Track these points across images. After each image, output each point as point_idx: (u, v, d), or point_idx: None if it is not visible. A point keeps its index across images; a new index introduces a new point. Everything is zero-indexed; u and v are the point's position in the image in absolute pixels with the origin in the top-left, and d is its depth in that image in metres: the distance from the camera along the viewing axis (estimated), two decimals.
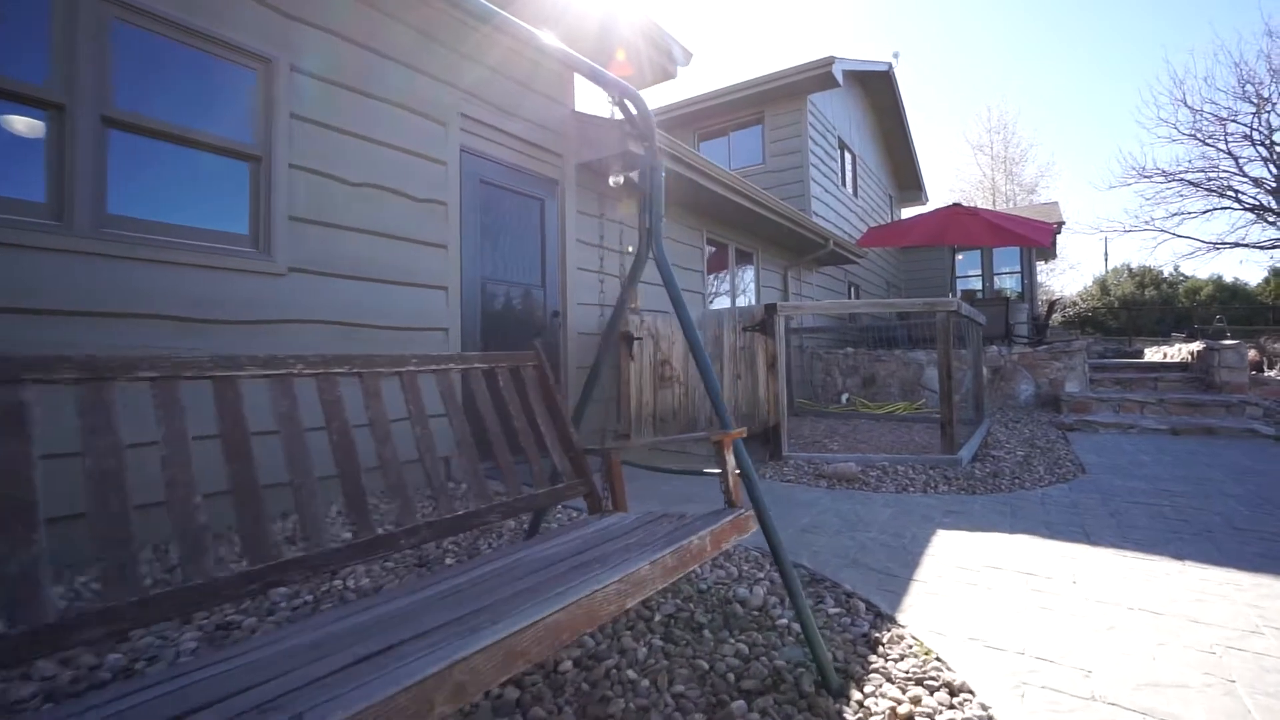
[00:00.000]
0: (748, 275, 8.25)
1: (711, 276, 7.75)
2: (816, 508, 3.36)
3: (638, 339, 5.34)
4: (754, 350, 4.68)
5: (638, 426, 5.33)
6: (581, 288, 5.21)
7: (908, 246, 14.77)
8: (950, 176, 27.86)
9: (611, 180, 5.06)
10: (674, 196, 6.28)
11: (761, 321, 4.62)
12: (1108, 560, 2.60)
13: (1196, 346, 8.36)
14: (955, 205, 9.67)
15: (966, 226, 8.93)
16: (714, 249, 7.54)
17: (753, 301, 8.24)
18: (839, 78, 10.15)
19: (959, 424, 6.57)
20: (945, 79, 61.24)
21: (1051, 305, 11.43)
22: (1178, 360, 8.65)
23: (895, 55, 13.79)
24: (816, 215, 10.35)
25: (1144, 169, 17.01)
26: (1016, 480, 4.11)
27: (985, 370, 8.33)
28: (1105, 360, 10.53)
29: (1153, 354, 10.60)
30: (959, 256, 15.93)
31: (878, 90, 14.16)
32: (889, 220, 15.26)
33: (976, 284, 15.70)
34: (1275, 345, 14.16)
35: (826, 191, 10.97)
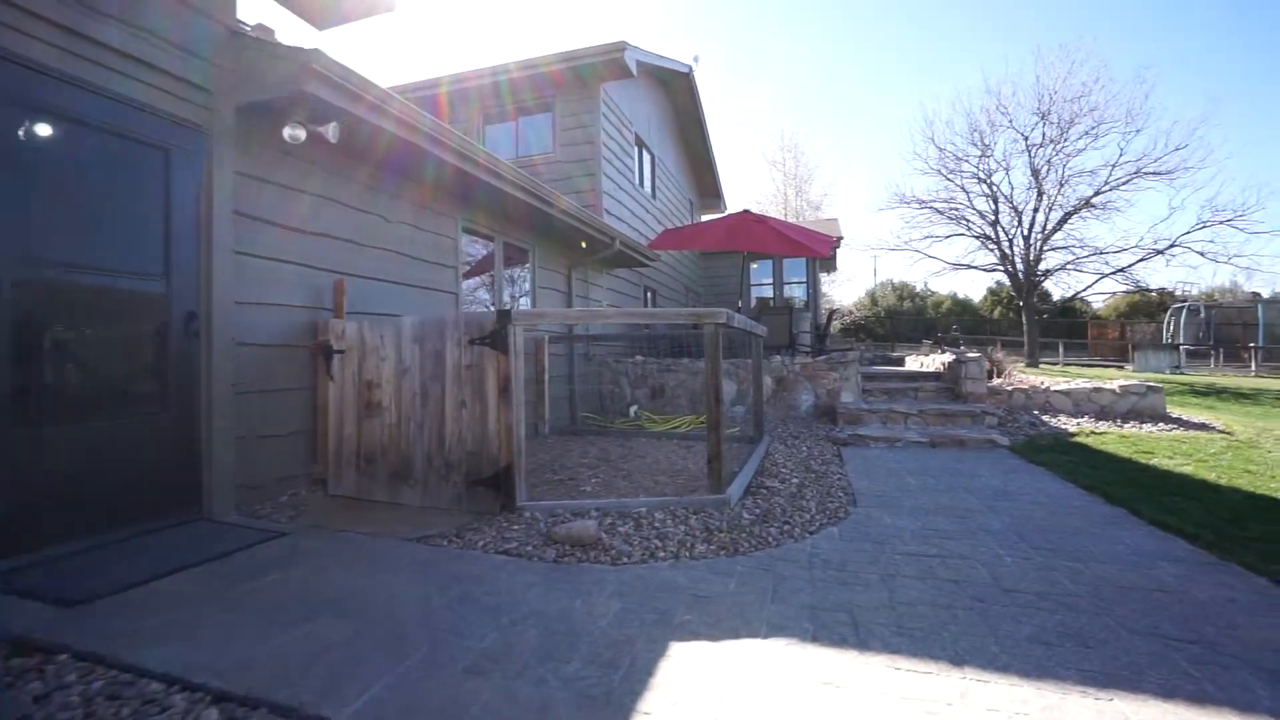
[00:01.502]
0: (523, 276, 7.17)
1: (486, 277, 6.56)
2: (516, 610, 2.35)
3: (339, 352, 3.98)
4: (483, 370, 3.58)
5: (337, 468, 3.97)
6: (253, 281, 3.71)
7: (701, 251, 14.88)
8: (749, 188, 29.64)
9: (288, 133, 3.64)
10: (413, 173, 4.98)
11: (493, 333, 3.54)
12: (877, 683, 1.90)
13: (947, 358, 9.00)
14: (746, 212, 9.55)
15: (755, 233, 8.77)
16: (480, 244, 6.36)
17: (529, 306, 7.19)
18: (632, 66, 9.52)
19: (738, 442, 6.13)
20: (744, 96, 66.15)
21: (831, 315, 11.98)
22: (932, 370, 9.28)
23: (695, 59, 13.65)
24: (609, 213, 9.63)
25: (904, 196, 19.12)
26: (786, 526, 3.50)
27: (769, 381, 8.16)
28: (875, 368, 11.21)
29: (912, 362, 11.50)
30: (754, 265, 16.49)
31: (679, 93, 13.97)
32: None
33: (769, 291, 16.38)
34: (999, 355, 16.62)
35: (621, 189, 10.32)
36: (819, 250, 8.63)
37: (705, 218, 17.95)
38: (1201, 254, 16.21)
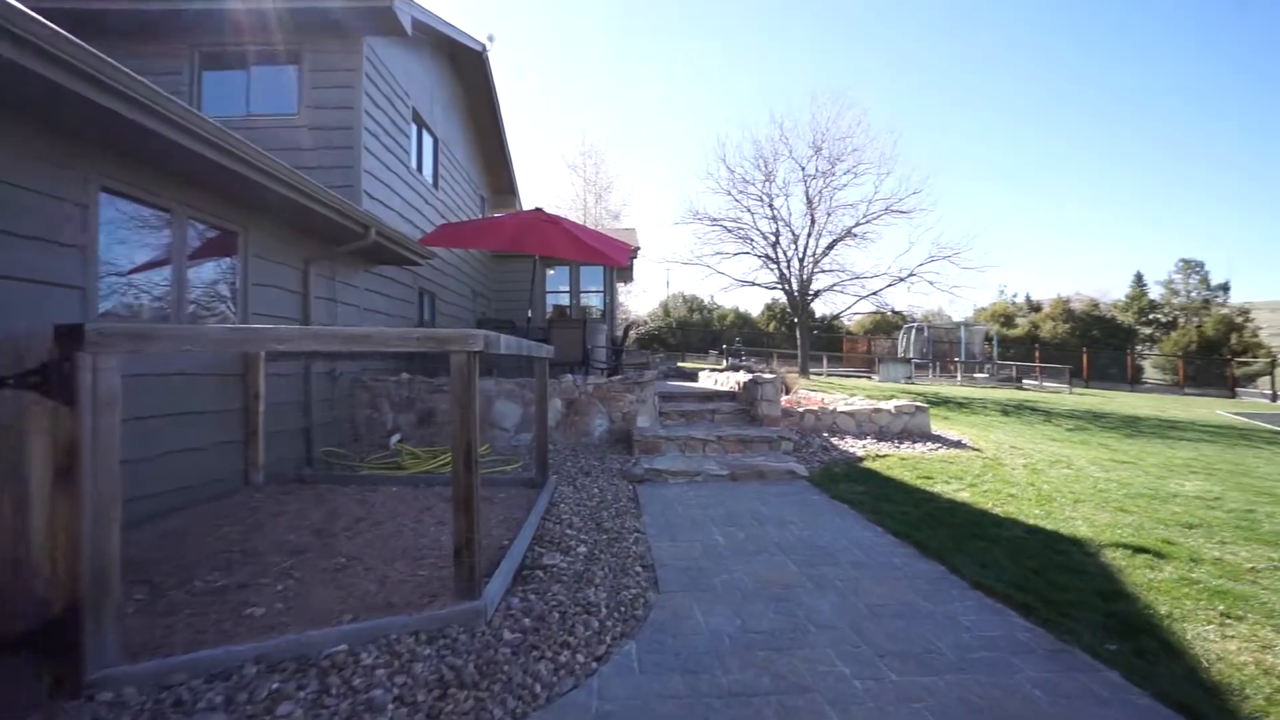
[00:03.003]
0: (225, 268, 5.23)
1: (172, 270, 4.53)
2: None
3: None
4: (22, 434, 1.96)
5: None
6: None
7: (492, 251, 13.50)
8: (548, 191, 28.74)
9: None
10: None
11: (44, 368, 1.95)
12: None
13: (743, 377, 8.79)
14: (538, 210, 8.45)
15: (547, 235, 7.71)
16: (162, 220, 4.37)
17: (236, 313, 5.27)
18: (406, 23, 7.89)
19: (517, 486, 4.97)
20: (546, 96, 65.58)
21: (628, 328, 11.40)
22: (728, 389, 9.04)
23: (490, 38, 12.27)
24: (372, 197, 7.87)
25: (698, 212, 19.64)
26: (565, 650, 2.43)
27: (559, 404, 7.14)
28: (670, 384, 10.84)
29: (706, 378, 11.35)
30: (550, 271, 15.49)
31: (472, 76, 12.44)
32: None
33: (566, 299, 15.49)
34: (783, 370, 17.68)
35: (390, 170, 8.57)
36: (615, 258, 7.85)
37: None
38: (931, 283, 18.87)
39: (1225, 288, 41.25)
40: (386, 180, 8.43)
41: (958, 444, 7.55)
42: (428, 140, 10.58)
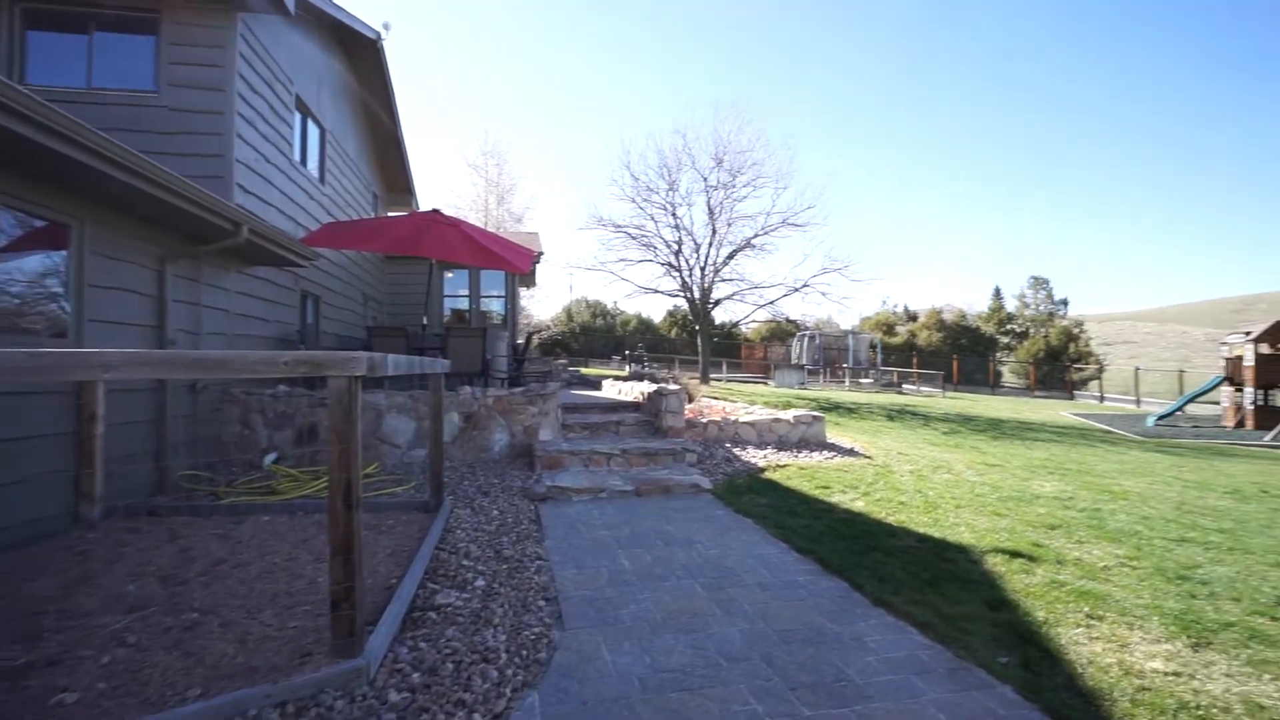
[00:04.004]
0: (53, 266, 4.46)
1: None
2: None
3: None
4: None
5: None
6: None
7: (375, 252, 12.71)
8: (447, 191, 27.59)
9: None
10: None
11: None
12: None
13: (647, 387, 8.75)
14: (435, 212, 7.98)
15: (445, 239, 7.28)
16: None
17: (70, 318, 4.51)
18: (288, 1, 7.23)
19: (410, 512, 4.59)
20: (447, 93, 63.35)
21: (530, 337, 11.07)
22: (632, 400, 8.98)
23: (386, 26, 11.52)
24: (246, 190, 7.10)
25: (602, 218, 19.56)
26: (459, 707, 2.19)
27: (456, 418, 6.75)
28: (574, 393, 10.64)
29: (610, 388, 11.25)
30: (448, 274, 14.80)
31: (365, 64, 11.65)
32: None
33: (465, 303, 14.86)
34: (685, 375, 17.93)
35: (269, 162, 7.79)
36: (518, 265, 7.56)
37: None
38: (823, 294, 19.85)
39: (1065, 302, 46.65)
40: (264, 172, 7.65)
41: (851, 452, 7.89)
42: (313, 131, 9.76)
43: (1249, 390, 15.05)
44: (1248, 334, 15.54)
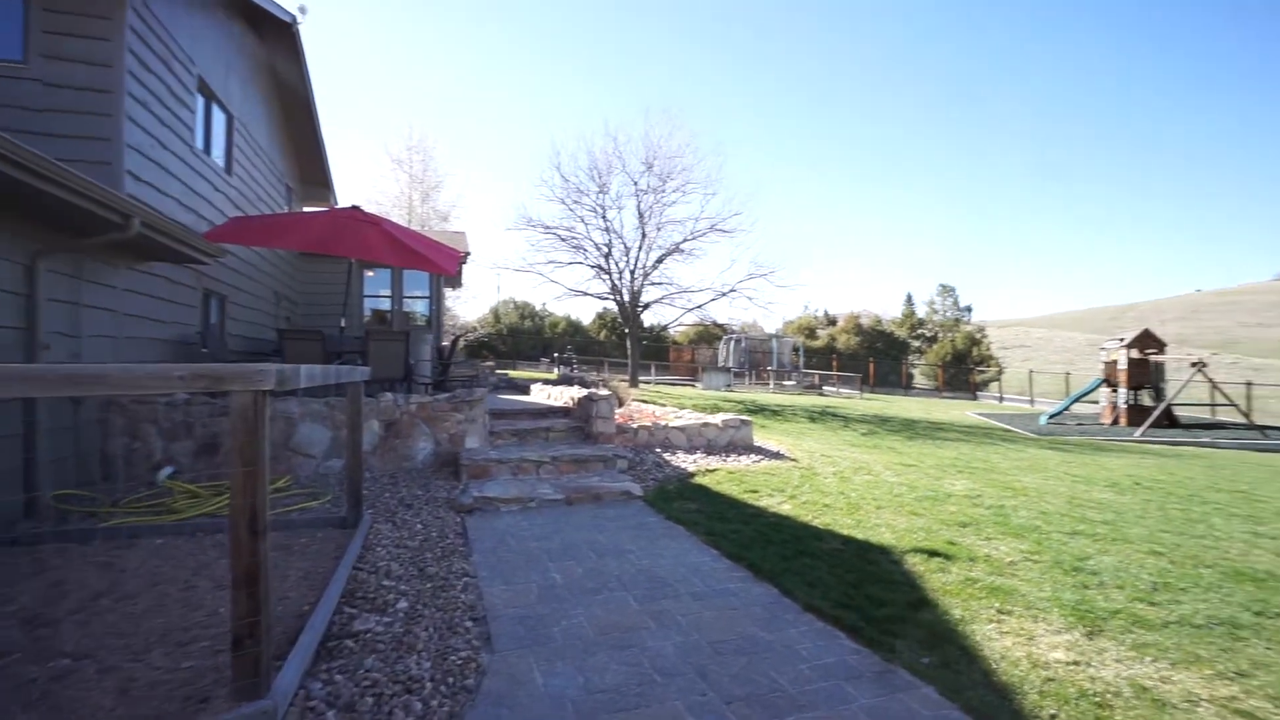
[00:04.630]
0: None
1: None
2: None
3: None
4: None
5: None
6: None
7: (288, 250, 11.99)
8: (368, 186, 26.35)
9: None
10: None
11: None
12: None
13: (577, 392, 8.66)
14: (354, 209, 7.58)
15: (365, 238, 6.92)
16: None
17: None
18: None
19: (325, 529, 4.31)
20: (369, 87, 60.78)
21: (457, 341, 10.71)
22: (562, 405, 8.85)
23: (302, 10, 10.86)
24: (137, 178, 6.48)
25: (532, 219, 19.26)
26: None
27: (376, 426, 6.43)
28: (502, 397, 10.39)
29: (539, 392, 11.05)
30: (369, 273, 14.14)
31: (279, 49, 10.94)
32: None
33: (387, 304, 14.23)
34: (614, 377, 17.89)
35: (165, 148, 7.15)
36: (444, 267, 7.29)
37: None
38: (750, 299, 20.34)
39: (969, 309, 50.00)
40: (161, 160, 7.02)
41: (777, 455, 8.09)
42: (219, 117, 9.07)
43: (1122, 391, 16.59)
44: (1121, 340, 17.14)
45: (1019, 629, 3.17)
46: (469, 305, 29.70)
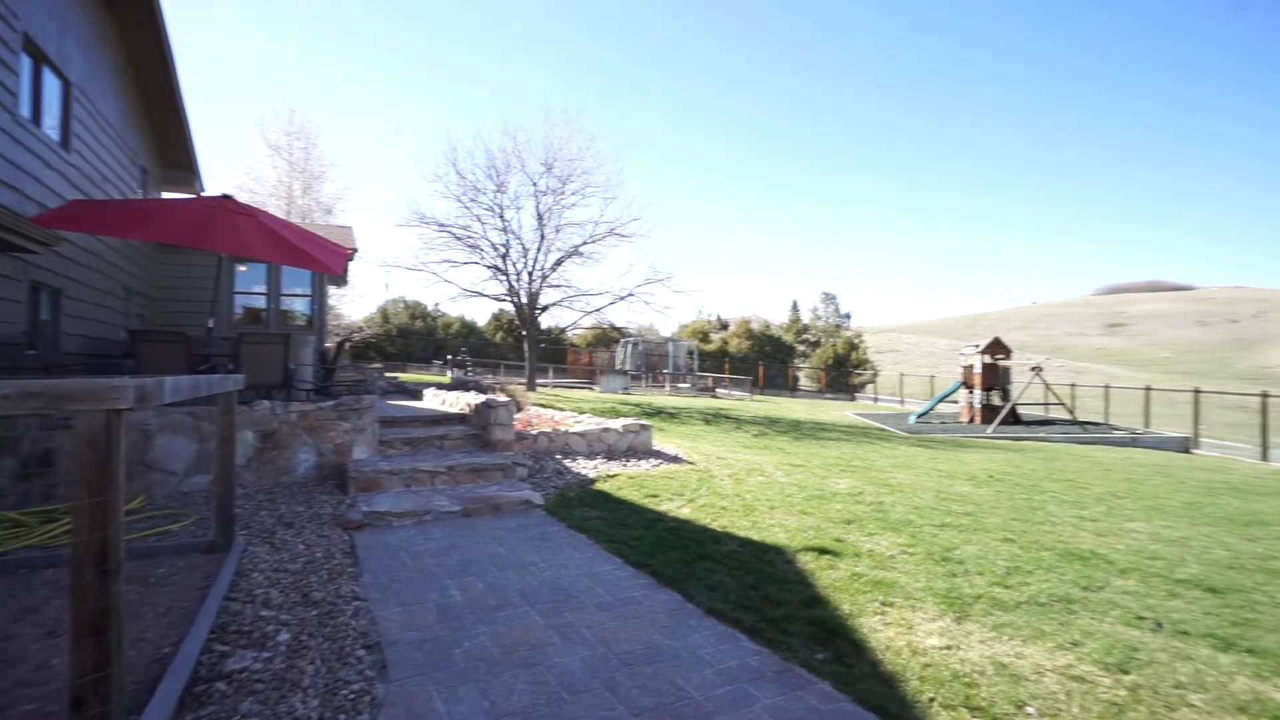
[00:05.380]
0: None
1: None
2: None
3: None
4: None
5: None
6: None
7: (148, 241, 10.74)
8: (241, 174, 23.93)
9: None
10: None
11: None
12: None
13: (473, 398, 8.38)
14: (225, 198, 6.88)
15: (239, 230, 6.30)
16: None
17: None
18: None
19: (189, 555, 3.86)
20: (239, 57, 55.65)
21: (341, 345, 10.03)
22: (457, 412, 8.53)
23: None
24: None
25: (425, 216, 18.45)
26: None
27: (250, 438, 5.89)
28: (392, 403, 9.85)
29: (433, 398, 10.60)
30: (241, 268, 12.90)
31: (132, 10, 9.70)
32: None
33: (262, 302, 13.04)
34: (510, 381, 17.48)
35: None
36: (330, 265, 6.79)
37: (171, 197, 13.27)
38: (647, 303, 20.65)
39: (849, 316, 53.77)
40: None
41: (675, 459, 8.26)
42: (53, 83, 7.92)
43: (978, 392, 18.49)
44: (977, 347, 19.11)
45: (900, 619, 3.43)
46: (355, 304, 27.87)
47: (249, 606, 3.26)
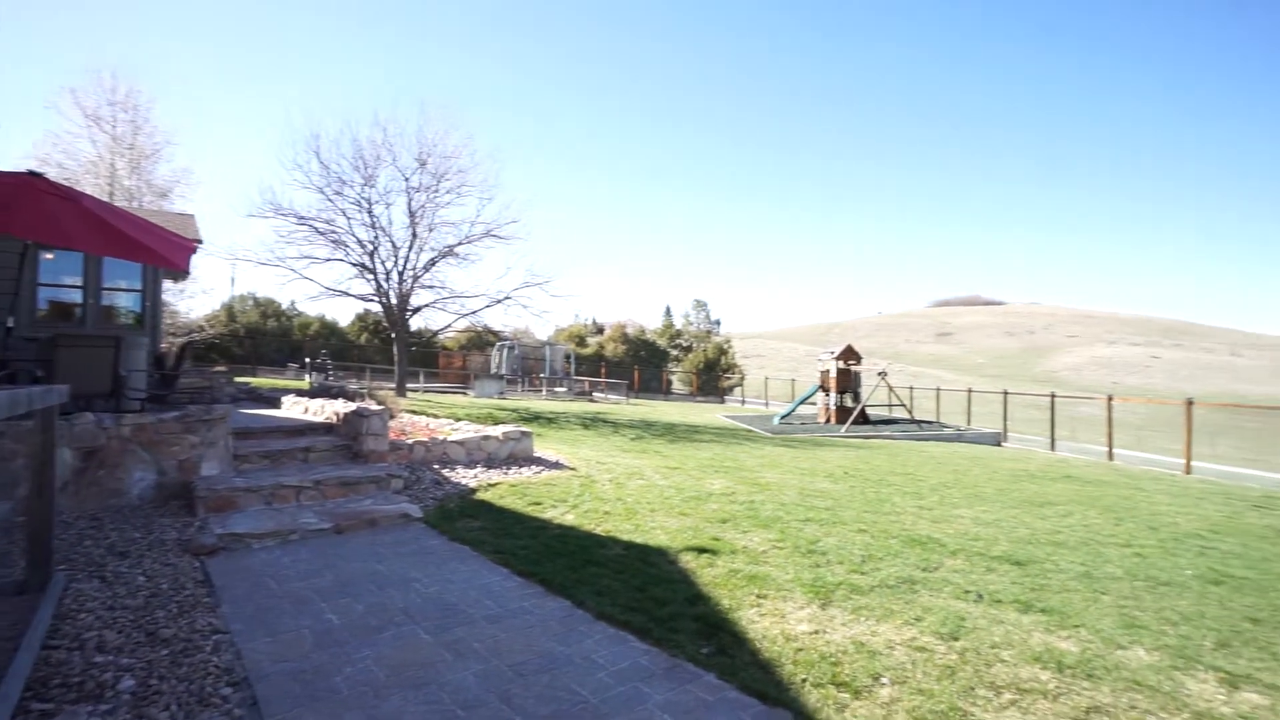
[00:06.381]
0: None
1: None
2: None
3: None
4: None
5: None
6: None
7: None
8: (48, 144, 20.29)
9: None
10: None
11: None
12: None
13: (342, 406, 7.86)
14: (34, 176, 5.89)
15: (54, 215, 5.43)
16: None
17: None
18: None
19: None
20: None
21: (184, 348, 8.96)
22: (323, 421, 7.95)
23: None
24: None
25: (281, 206, 16.93)
26: None
27: (69, 458, 5.13)
28: (247, 414, 8.94)
29: (293, 405, 9.77)
30: (48, 255, 11.04)
31: None
32: None
33: (78, 297, 11.24)
34: (378, 385, 16.48)
35: None
36: (173, 259, 6.04)
37: None
38: (525, 307, 20.38)
39: (719, 322, 56.48)
40: None
41: (556, 465, 8.28)
42: None
43: (833, 395, 20.23)
44: (832, 353, 20.91)
45: (774, 610, 3.73)
46: (196, 300, 24.71)
47: (77, 653, 2.86)
